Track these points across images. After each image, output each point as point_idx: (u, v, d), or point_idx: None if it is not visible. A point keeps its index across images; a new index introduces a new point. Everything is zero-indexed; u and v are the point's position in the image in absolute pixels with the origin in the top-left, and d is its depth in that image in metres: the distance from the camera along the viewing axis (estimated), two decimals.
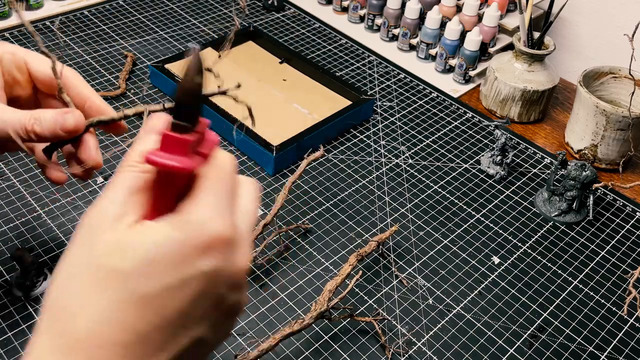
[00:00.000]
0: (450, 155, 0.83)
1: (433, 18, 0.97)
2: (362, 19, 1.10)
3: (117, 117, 0.47)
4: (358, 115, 0.85)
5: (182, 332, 0.29)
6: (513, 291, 0.66)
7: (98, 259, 0.28)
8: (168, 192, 0.30)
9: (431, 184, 0.78)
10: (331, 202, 0.74)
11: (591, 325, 0.63)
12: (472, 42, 0.94)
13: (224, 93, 0.44)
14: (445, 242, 0.70)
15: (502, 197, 0.77)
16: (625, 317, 0.64)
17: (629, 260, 0.71)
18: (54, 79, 0.47)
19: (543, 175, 0.81)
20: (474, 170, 0.81)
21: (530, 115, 0.91)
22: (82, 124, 0.46)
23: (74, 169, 0.50)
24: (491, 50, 0.99)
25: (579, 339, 0.62)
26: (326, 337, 0.59)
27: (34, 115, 0.45)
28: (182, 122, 0.29)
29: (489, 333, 0.61)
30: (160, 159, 0.29)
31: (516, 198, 0.77)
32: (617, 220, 0.76)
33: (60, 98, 0.47)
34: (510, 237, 0.72)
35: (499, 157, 0.79)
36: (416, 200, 0.75)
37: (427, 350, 0.59)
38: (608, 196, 0.79)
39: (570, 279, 0.68)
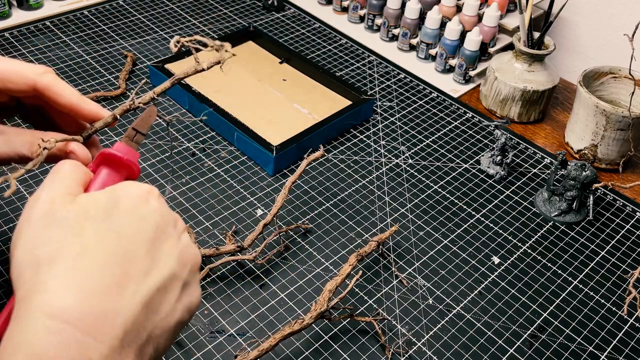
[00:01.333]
0: (450, 155, 0.83)
1: (433, 18, 0.97)
2: (362, 19, 1.10)
3: (111, 119, 0.48)
4: (358, 115, 0.85)
5: (156, 257, 0.37)
6: (513, 291, 0.66)
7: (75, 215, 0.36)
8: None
9: (431, 184, 0.78)
10: (331, 202, 0.74)
11: (591, 325, 0.63)
12: (472, 42, 0.94)
13: (218, 63, 0.50)
14: (445, 242, 0.70)
15: (502, 197, 0.77)
16: (625, 317, 0.64)
17: (629, 260, 0.71)
18: (28, 90, 0.45)
19: (543, 175, 0.81)
20: (474, 170, 0.81)
21: (530, 115, 0.91)
22: (87, 158, 0.45)
23: None
24: (491, 50, 0.99)
25: (579, 339, 0.62)
26: (326, 337, 0.59)
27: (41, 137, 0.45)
28: (138, 131, 0.43)
29: (489, 333, 0.61)
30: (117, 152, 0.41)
31: (516, 198, 0.77)
32: (617, 220, 0.76)
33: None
34: (510, 237, 0.72)
35: (499, 157, 0.79)
36: (416, 200, 0.75)
37: (427, 350, 0.59)
38: (608, 196, 0.79)
39: (570, 279, 0.68)
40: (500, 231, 0.72)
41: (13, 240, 0.35)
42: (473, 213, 0.74)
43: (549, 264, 0.69)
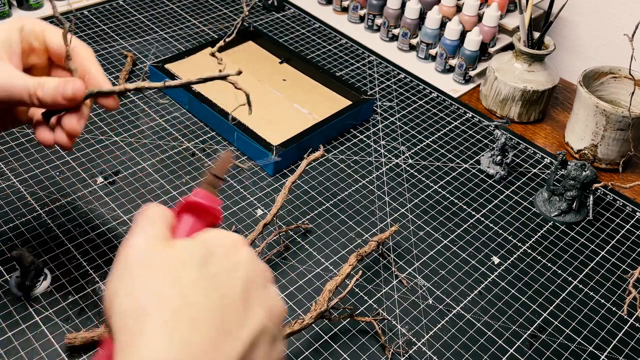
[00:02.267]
0: (450, 155, 0.83)
1: (433, 18, 0.97)
2: (362, 19, 1.10)
3: (117, 90, 0.50)
4: (358, 115, 0.85)
5: (249, 308, 0.36)
6: (513, 291, 0.66)
7: (165, 261, 0.35)
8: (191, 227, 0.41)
9: (431, 184, 0.78)
10: (331, 202, 0.74)
11: (591, 325, 0.63)
12: (472, 42, 0.94)
13: (224, 78, 0.51)
14: (445, 242, 0.70)
15: (502, 197, 0.77)
16: (625, 317, 0.64)
17: (629, 260, 0.71)
18: (62, 51, 0.51)
19: (543, 175, 0.81)
20: (474, 170, 0.81)
21: (530, 115, 0.91)
22: (81, 93, 0.49)
23: (57, 136, 0.52)
24: (491, 50, 0.99)
25: (579, 339, 0.62)
26: (326, 337, 0.59)
27: (38, 81, 0.49)
28: (216, 176, 0.42)
29: (489, 333, 0.61)
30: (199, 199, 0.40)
31: (516, 198, 0.77)
32: (617, 220, 0.76)
33: (67, 65, 0.51)
34: (510, 237, 0.72)
35: (499, 157, 0.79)
36: (416, 200, 0.75)
37: (427, 350, 0.59)
38: (608, 196, 0.79)
39: (570, 279, 0.68)
40: (500, 231, 0.72)
41: (112, 287, 0.35)
42: (473, 213, 0.74)
43: (549, 264, 0.69)
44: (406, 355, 0.58)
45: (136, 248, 0.36)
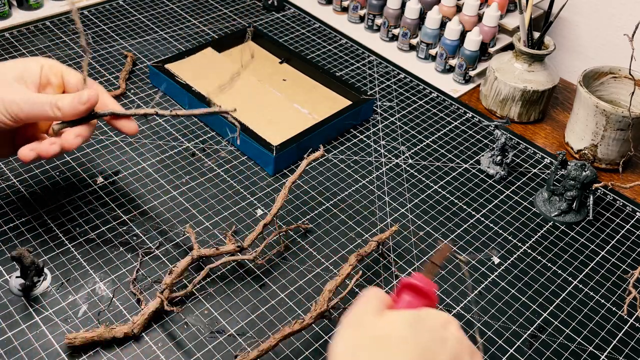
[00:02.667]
0: (450, 155, 0.83)
1: (433, 18, 0.97)
2: (362, 19, 1.10)
3: (129, 113, 0.60)
4: (358, 115, 0.85)
5: None
6: (513, 291, 0.66)
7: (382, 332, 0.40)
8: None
9: (431, 184, 0.78)
10: (331, 202, 0.74)
11: (591, 325, 0.63)
12: (472, 42, 0.94)
13: (226, 112, 0.58)
14: (445, 242, 0.70)
15: (502, 197, 0.77)
16: (625, 317, 0.64)
17: (629, 260, 0.71)
18: (79, 86, 0.60)
19: (543, 175, 0.81)
20: (474, 170, 0.81)
21: (530, 115, 0.91)
22: (95, 98, 0.58)
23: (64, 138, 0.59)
24: (491, 50, 0.99)
25: (579, 339, 0.62)
26: (326, 337, 0.59)
27: (57, 96, 0.58)
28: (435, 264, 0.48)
29: (489, 333, 0.61)
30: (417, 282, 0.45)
31: (516, 198, 0.77)
32: (617, 220, 0.76)
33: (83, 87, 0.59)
34: (510, 237, 0.72)
35: (499, 157, 0.79)
36: (416, 200, 0.75)
37: None
38: (608, 196, 0.79)
39: (570, 279, 0.68)
40: (500, 231, 0.72)
41: (333, 344, 0.40)
42: (473, 213, 0.74)
43: (549, 264, 0.69)
44: None
45: (352, 315, 0.42)
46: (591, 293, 0.66)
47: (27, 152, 0.58)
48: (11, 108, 0.56)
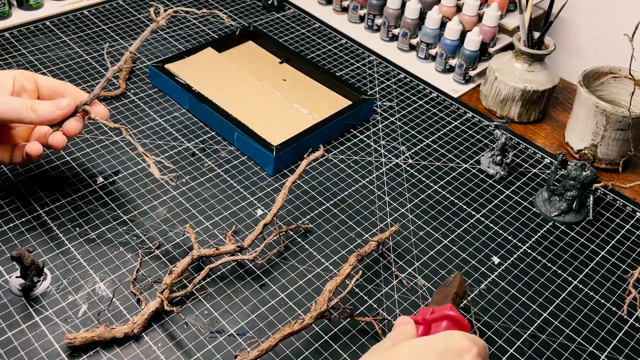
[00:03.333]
0: (450, 155, 0.83)
1: (433, 18, 0.97)
2: (362, 19, 1.10)
3: (94, 95, 0.64)
4: (358, 115, 0.85)
5: None
6: (513, 291, 0.66)
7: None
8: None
9: (431, 184, 0.78)
10: (331, 202, 0.74)
11: (591, 325, 0.63)
12: (472, 42, 0.94)
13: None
14: (445, 242, 0.70)
15: (502, 197, 0.77)
16: (625, 317, 0.64)
17: (629, 260, 0.71)
18: (54, 88, 0.65)
19: (543, 175, 0.81)
20: (474, 170, 0.81)
21: (530, 115, 0.91)
22: (72, 106, 0.62)
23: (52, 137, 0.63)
24: (491, 50, 0.99)
25: (579, 339, 0.62)
26: (326, 337, 0.59)
27: (33, 100, 0.61)
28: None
29: (489, 333, 0.61)
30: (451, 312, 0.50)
31: (516, 198, 0.77)
32: (617, 220, 0.76)
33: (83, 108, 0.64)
34: (510, 237, 0.72)
35: (499, 157, 0.79)
36: (416, 200, 0.75)
37: None
38: (608, 196, 0.79)
39: (570, 279, 0.68)
40: (500, 231, 0.72)
41: None
42: (473, 213, 0.74)
43: (549, 264, 0.69)
44: None
45: (384, 341, 0.48)
46: (591, 293, 0.66)
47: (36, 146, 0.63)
48: None
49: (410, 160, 0.81)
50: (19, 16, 1.00)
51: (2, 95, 0.61)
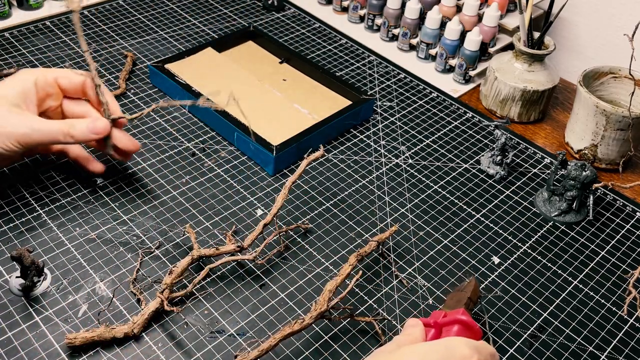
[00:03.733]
0: (450, 155, 0.83)
1: (433, 18, 0.97)
2: (362, 19, 1.10)
3: (135, 117, 0.67)
4: (358, 115, 0.85)
5: None
6: (513, 291, 0.66)
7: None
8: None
9: (431, 184, 0.78)
10: (331, 202, 0.74)
11: (591, 325, 0.63)
12: (472, 42, 0.94)
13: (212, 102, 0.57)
14: (445, 242, 0.70)
15: (502, 197, 0.77)
16: (625, 317, 0.64)
17: (629, 260, 0.71)
18: (78, 85, 0.66)
19: (543, 175, 0.81)
20: (474, 170, 0.81)
21: (530, 115, 0.91)
22: (108, 128, 0.64)
23: (115, 155, 0.68)
24: (491, 50, 0.99)
25: (579, 339, 0.62)
26: (326, 337, 0.59)
27: (69, 123, 0.62)
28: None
29: (489, 333, 0.61)
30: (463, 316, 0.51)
31: (516, 198, 0.77)
32: (617, 220, 0.76)
33: (98, 100, 0.66)
34: (510, 237, 0.72)
35: (499, 157, 0.79)
36: (416, 200, 0.75)
37: None
38: (608, 196, 0.79)
39: (570, 279, 0.68)
40: (500, 231, 0.72)
41: None
42: (473, 213, 0.74)
43: (549, 264, 0.69)
44: None
45: (389, 344, 0.48)
46: (591, 293, 0.66)
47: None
48: (23, 140, 0.61)
49: (410, 160, 0.81)
50: (19, 16, 1.00)
51: (35, 121, 0.61)
